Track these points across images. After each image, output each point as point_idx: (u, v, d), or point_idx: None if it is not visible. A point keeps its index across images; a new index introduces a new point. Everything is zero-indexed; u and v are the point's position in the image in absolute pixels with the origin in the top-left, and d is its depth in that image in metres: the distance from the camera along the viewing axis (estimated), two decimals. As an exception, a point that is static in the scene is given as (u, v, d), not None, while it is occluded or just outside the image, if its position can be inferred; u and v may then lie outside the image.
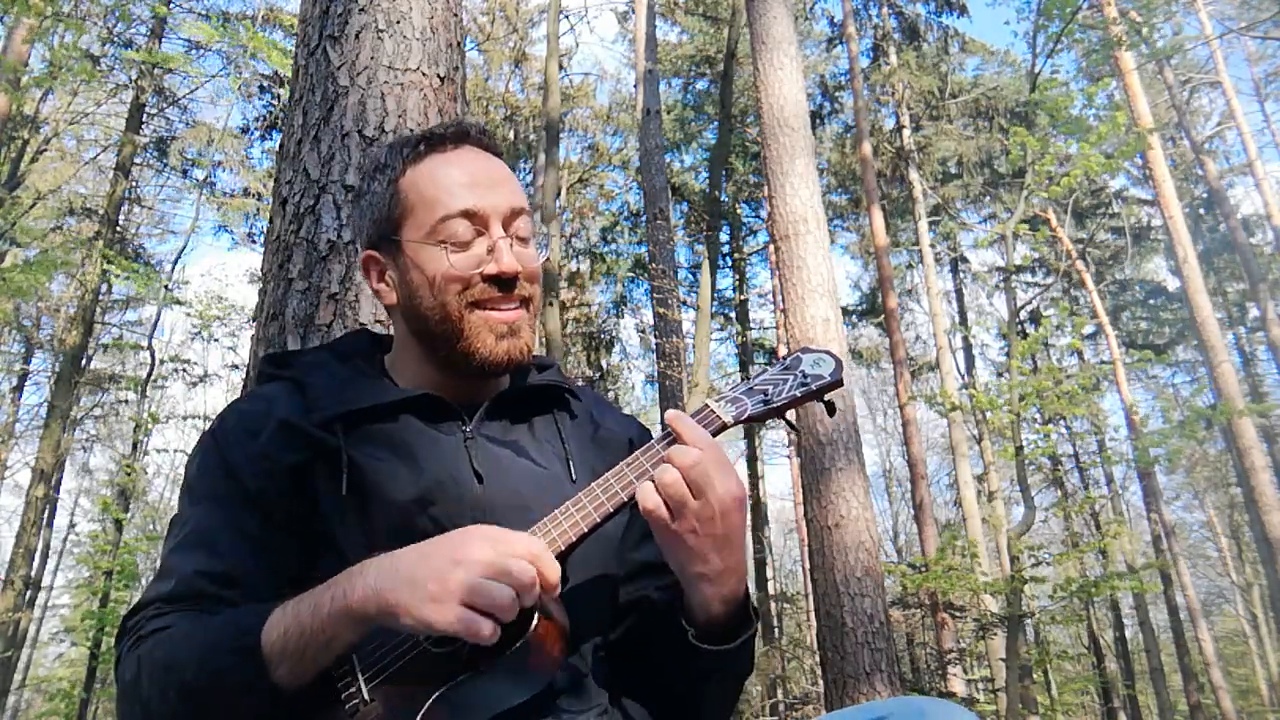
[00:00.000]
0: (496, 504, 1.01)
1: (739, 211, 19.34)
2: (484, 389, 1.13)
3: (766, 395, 0.98)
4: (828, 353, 1.01)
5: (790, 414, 1.01)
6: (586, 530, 0.92)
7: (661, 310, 11.72)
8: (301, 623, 0.87)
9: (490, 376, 1.10)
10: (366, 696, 0.88)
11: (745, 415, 0.97)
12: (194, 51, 13.10)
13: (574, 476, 1.08)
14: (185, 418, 15.14)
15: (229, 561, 0.98)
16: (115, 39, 13.30)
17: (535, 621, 0.86)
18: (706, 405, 0.98)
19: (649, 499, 0.90)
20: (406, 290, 1.10)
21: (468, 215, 1.07)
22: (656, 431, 1.01)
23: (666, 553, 0.95)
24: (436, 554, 0.84)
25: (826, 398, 1.00)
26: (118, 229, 13.65)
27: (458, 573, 0.82)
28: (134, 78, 13.11)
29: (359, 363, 1.16)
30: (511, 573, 0.82)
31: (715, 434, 0.95)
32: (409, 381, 1.13)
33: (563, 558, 0.92)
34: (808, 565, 10.58)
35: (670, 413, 0.96)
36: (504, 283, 1.06)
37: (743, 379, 1.02)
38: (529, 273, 1.09)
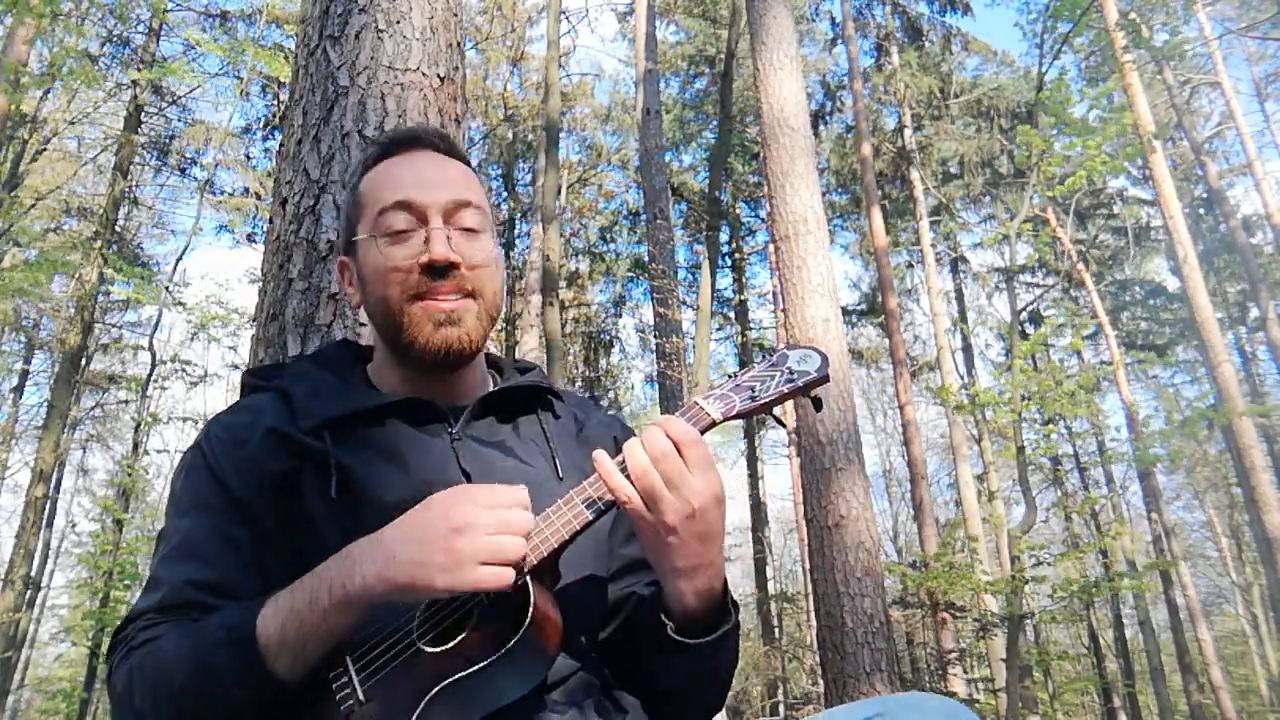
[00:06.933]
0: None
1: (739, 211, 19.35)
2: (465, 391, 1.14)
3: (754, 391, 0.98)
4: (814, 349, 1.02)
5: (779, 409, 1.02)
6: (579, 528, 0.92)
7: (661, 310, 11.72)
8: (299, 615, 0.87)
9: (432, 367, 1.09)
10: (362, 696, 0.87)
11: (734, 411, 0.97)
12: (193, 51, 13.08)
13: (561, 475, 1.10)
14: (185, 418, 15.12)
15: (218, 570, 0.98)
16: (114, 38, 13.28)
17: (531, 612, 0.86)
18: (695, 403, 0.98)
19: (621, 489, 0.90)
20: (362, 288, 1.13)
21: (404, 206, 1.08)
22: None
23: (644, 545, 0.96)
24: (430, 527, 0.86)
25: (814, 394, 1.00)
26: (116, 229, 13.64)
27: (462, 540, 0.84)
28: (132, 78, 13.09)
29: (342, 371, 1.17)
30: (513, 523, 0.86)
31: (704, 431, 0.95)
32: (391, 387, 1.14)
33: (555, 556, 0.92)
34: (808, 565, 10.57)
35: (658, 417, 0.96)
36: (437, 271, 1.06)
37: (728, 377, 1.02)
38: (472, 263, 1.08)
